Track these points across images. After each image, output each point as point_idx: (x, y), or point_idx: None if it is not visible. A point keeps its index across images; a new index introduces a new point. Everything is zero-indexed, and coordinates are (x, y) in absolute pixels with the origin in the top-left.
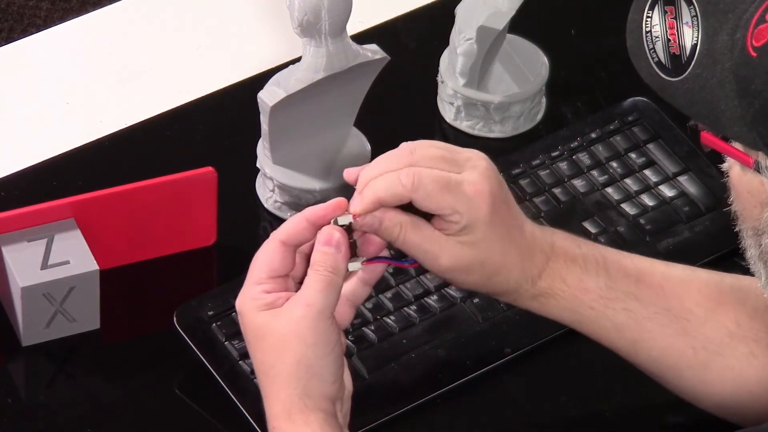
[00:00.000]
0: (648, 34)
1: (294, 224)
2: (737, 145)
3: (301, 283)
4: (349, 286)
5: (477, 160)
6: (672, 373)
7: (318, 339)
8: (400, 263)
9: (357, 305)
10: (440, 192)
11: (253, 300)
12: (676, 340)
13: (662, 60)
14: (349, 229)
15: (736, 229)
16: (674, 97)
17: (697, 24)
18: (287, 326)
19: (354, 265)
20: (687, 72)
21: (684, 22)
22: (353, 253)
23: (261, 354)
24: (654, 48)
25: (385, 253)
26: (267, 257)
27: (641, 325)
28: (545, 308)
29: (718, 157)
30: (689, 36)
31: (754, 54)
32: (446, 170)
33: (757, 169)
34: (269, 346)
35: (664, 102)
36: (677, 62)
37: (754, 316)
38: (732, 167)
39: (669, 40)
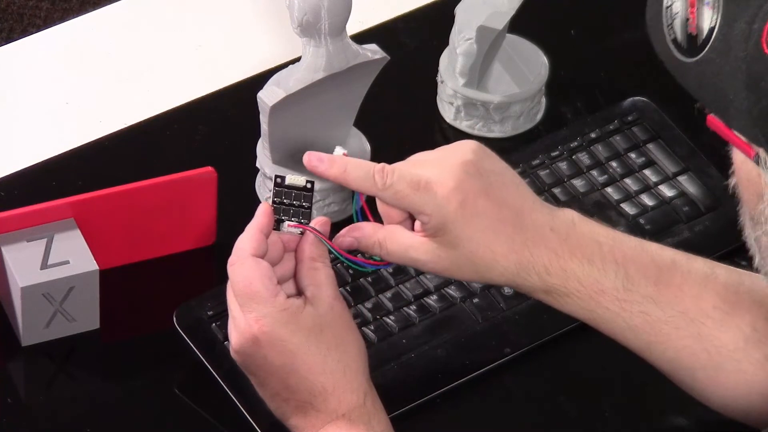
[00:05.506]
0: (668, 10)
1: (251, 236)
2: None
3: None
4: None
5: (458, 149)
6: (685, 373)
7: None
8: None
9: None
10: (408, 194)
11: (282, 312)
12: (691, 343)
13: (678, 38)
14: (311, 190)
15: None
16: (685, 78)
17: (718, 6)
18: (338, 324)
19: (292, 229)
20: (701, 54)
21: (705, 2)
22: (306, 216)
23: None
24: (672, 24)
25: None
26: (255, 270)
27: (657, 328)
28: (560, 304)
29: (717, 153)
30: (708, 17)
31: (767, 51)
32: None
33: (757, 161)
34: (325, 346)
35: (664, 102)
36: (693, 43)
37: None
38: (736, 150)
39: (688, 18)
